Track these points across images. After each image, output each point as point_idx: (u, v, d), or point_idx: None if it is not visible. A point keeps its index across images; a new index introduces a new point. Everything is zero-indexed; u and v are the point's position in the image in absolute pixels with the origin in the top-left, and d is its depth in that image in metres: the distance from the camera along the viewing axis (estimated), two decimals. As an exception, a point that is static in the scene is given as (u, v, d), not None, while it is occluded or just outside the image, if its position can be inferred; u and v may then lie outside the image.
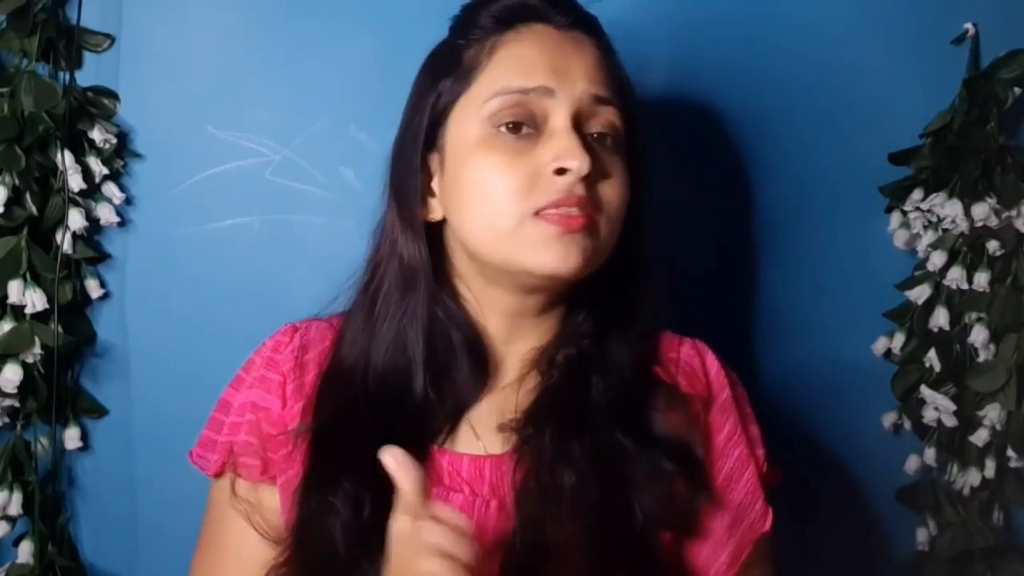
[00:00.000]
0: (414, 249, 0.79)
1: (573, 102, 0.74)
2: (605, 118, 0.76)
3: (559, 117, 0.74)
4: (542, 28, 0.77)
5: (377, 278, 0.81)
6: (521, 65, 0.75)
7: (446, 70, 0.78)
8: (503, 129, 0.74)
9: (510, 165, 0.73)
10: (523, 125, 0.74)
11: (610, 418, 0.76)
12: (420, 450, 0.75)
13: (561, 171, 0.72)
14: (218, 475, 0.81)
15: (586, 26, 0.79)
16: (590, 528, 0.72)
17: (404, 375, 0.78)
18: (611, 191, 0.75)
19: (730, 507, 0.79)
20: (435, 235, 0.80)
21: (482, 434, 0.78)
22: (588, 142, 0.74)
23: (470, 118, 0.75)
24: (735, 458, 0.81)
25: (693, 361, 0.83)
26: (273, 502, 0.78)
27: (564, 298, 0.81)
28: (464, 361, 0.79)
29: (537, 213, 0.72)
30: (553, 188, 0.72)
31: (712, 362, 0.84)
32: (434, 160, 0.79)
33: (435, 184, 0.79)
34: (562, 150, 0.72)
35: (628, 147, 0.79)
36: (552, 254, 0.72)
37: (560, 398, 0.77)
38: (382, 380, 0.78)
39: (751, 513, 0.80)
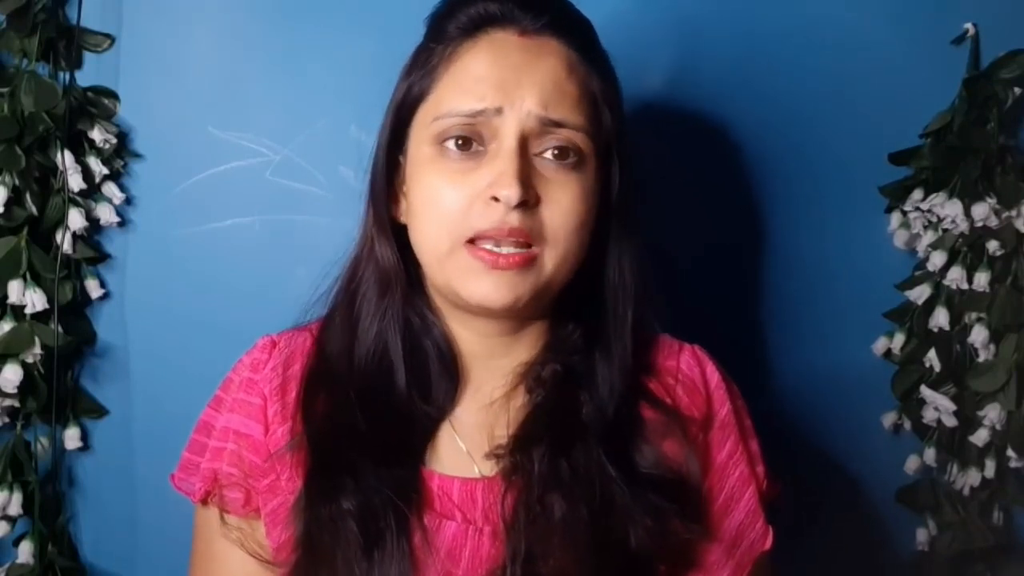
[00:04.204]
0: (387, 252, 0.78)
1: (519, 123, 0.71)
2: (560, 138, 0.72)
3: (505, 138, 0.71)
4: (502, 36, 0.74)
5: (357, 278, 0.80)
6: (469, 85, 0.72)
7: (417, 67, 0.77)
8: (450, 145, 0.72)
9: (452, 185, 0.71)
10: (472, 142, 0.72)
11: (599, 446, 0.74)
12: (410, 471, 0.74)
13: (496, 198, 0.70)
14: (203, 502, 0.79)
15: (558, 28, 0.75)
16: (583, 558, 0.70)
17: (388, 373, 0.77)
18: (555, 217, 0.72)
19: (729, 529, 0.78)
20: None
21: (473, 454, 0.76)
22: (531, 165, 0.72)
23: (423, 133, 0.74)
24: (736, 477, 0.80)
25: (693, 371, 0.82)
26: (260, 532, 0.76)
27: (546, 314, 0.79)
28: (437, 370, 0.77)
29: (471, 241, 0.71)
30: (486, 215, 0.70)
31: (712, 373, 0.82)
32: (404, 164, 0.78)
33: (405, 187, 0.78)
34: (496, 175, 0.70)
35: (602, 159, 0.76)
36: (481, 287, 0.71)
37: (548, 419, 0.75)
38: (367, 378, 0.77)
39: (751, 533, 0.79)
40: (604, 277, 0.79)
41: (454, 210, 0.71)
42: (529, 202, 0.71)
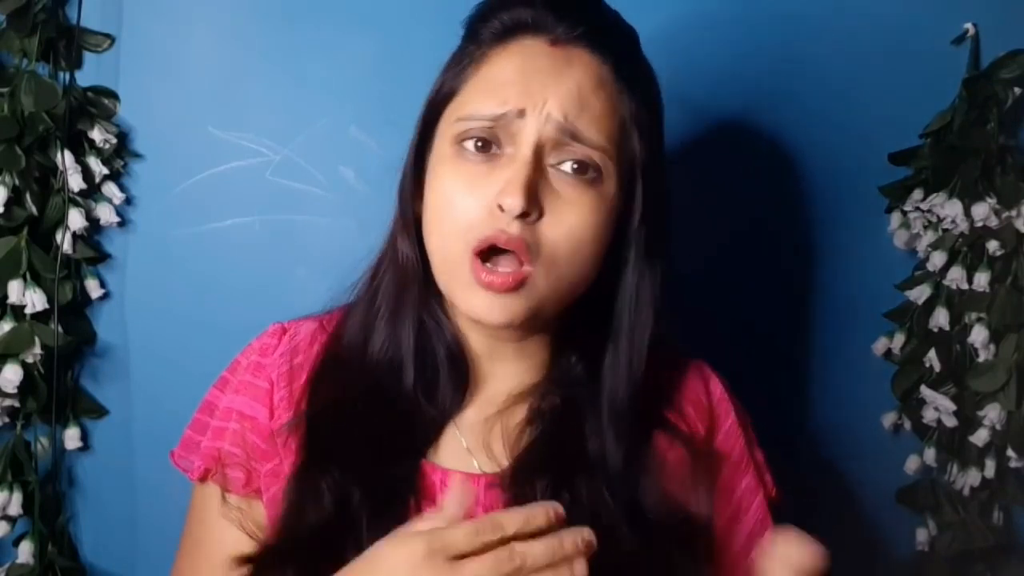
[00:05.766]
0: (407, 249, 0.77)
1: (538, 129, 0.70)
2: (578, 152, 0.71)
3: (522, 144, 0.70)
4: (532, 44, 0.73)
5: (380, 273, 0.80)
6: (494, 89, 0.72)
7: (449, 68, 0.77)
8: (468, 146, 0.71)
9: (468, 189, 0.70)
10: (491, 144, 0.71)
11: (603, 481, 0.73)
12: (411, 462, 0.74)
13: (501, 206, 0.69)
14: (202, 480, 0.78)
15: (592, 41, 0.73)
16: None
17: (397, 370, 0.77)
18: (556, 233, 0.70)
19: (738, 538, 0.78)
20: None
21: (474, 451, 0.76)
22: (544, 176, 0.70)
23: (446, 132, 0.74)
24: (743, 487, 0.80)
25: (697, 386, 0.82)
26: (260, 514, 0.76)
27: (544, 329, 0.78)
28: (446, 371, 0.77)
29: (476, 252, 0.69)
30: (491, 222, 0.69)
31: (716, 386, 0.83)
32: (428, 159, 0.77)
33: (426, 184, 0.77)
34: (504, 183, 0.69)
35: (625, 181, 0.74)
36: (475, 303, 0.70)
37: (548, 453, 0.74)
38: (376, 370, 0.77)
39: (760, 543, 0.77)
40: (616, 306, 0.77)
41: (468, 217, 0.70)
42: (531, 215, 0.69)
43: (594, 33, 0.73)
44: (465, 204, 0.71)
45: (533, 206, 0.69)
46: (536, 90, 0.70)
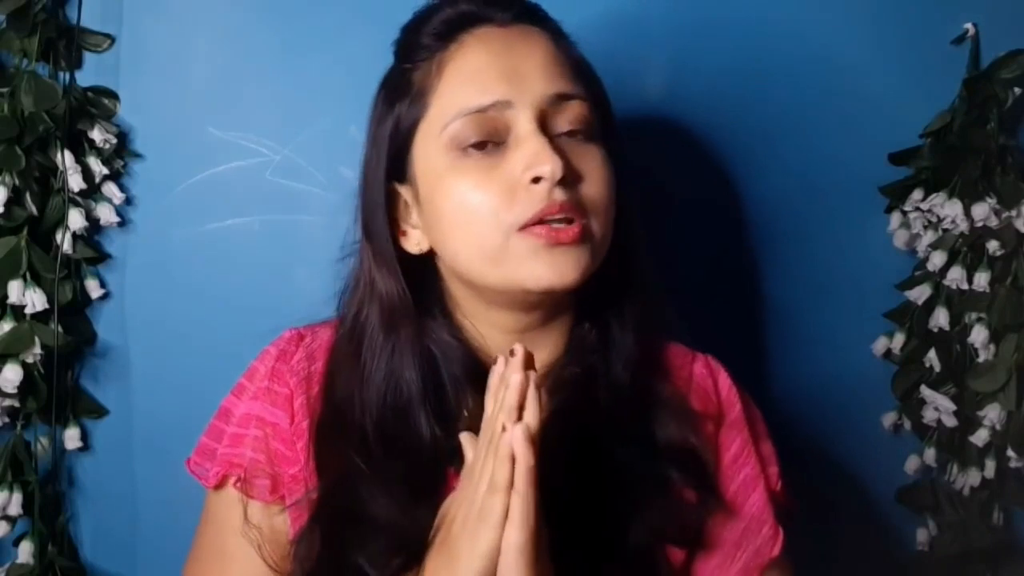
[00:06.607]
0: (393, 287, 0.76)
1: (533, 106, 0.71)
2: (572, 112, 0.72)
3: (522, 124, 0.70)
4: (485, 31, 0.74)
5: (360, 320, 0.78)
6: (472, 81, 0.72)
7: (399, 95, 0.76)
8: (469, 149, 0.71)
9: (484, 182, 0.70)
10: (488, 141, 0.71)
11: (616, 433, 0.74)
12: (435, 478, 0.73)
13: (536, 179, 0.69)
14: (217, 487, 0.78)
15: (531, 16, 0.76)
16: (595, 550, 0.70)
17: (404, 418, 0.75)
18: (594, 188, 0.72)
19: (734, 531, 0.78)
20: (424, 266, 0.77)
21: None
22: (557, 143, 0.71)
23: (433, 146, 0.73)
24: (742, 478, 0.80)
25: (705, 381, 0.82)
26: (282, 522, 0.76)
27: (568, 307, 0.78)
28: (468, 392, 0.75)
29: (523, 228, 0.69)
30: (533, 199, 0.69)
31: (724, 380, 0.83)
32: (408, 192, 0.76)
33: (415, 216, 0.76)
34: (531, 157, 0.69)
35: (604, 132, 0.75)
36: (544, 267, 0.69)
37: (568, 423, 0.73)
38: (382, 428, 0.75)
39: (757, 538, 0.79)
40: (619, 254, 0.77)
41: (494, 205, 0.70)
42: (568, 177, 0.70)
43: (524, 10, 0.77)
44: (482, 198, 0.70)
45: (569, 168, 0.70)
46: (513, 72, 0.71)
